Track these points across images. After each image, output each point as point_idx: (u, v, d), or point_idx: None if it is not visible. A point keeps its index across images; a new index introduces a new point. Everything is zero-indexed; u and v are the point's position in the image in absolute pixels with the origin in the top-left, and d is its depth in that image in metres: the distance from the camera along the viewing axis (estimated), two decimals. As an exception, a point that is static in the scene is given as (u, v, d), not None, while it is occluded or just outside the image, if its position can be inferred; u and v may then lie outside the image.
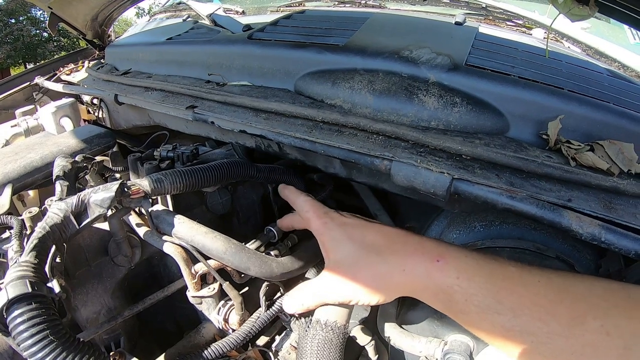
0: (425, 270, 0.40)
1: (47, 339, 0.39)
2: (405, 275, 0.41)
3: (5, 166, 0.80)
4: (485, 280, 0.37)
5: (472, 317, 0.37)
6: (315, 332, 0.46)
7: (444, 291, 0.38)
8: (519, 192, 0.46)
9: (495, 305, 0.35)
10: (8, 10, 16.31)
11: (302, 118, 0.62)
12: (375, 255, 0.43)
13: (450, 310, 0.39)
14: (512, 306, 0.35)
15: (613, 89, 0.66)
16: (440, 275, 0.39)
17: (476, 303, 0.36)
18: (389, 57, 0.65)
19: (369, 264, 0.43)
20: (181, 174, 0.61)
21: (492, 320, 0.35)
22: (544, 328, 0.33)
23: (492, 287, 0.36)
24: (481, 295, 0.36)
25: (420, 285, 0.40)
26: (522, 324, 0.34)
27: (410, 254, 0.42)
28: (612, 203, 0.46)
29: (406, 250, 0.42)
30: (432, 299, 0.41)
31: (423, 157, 0.50)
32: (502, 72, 0.62)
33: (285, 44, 0.76)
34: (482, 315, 0.36)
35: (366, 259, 0.44)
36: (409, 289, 0.42)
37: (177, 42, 0.99)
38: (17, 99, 1.54)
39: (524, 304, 0.35)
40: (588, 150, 0.52)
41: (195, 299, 0.60)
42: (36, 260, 0.46)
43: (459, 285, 0.37)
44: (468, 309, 0.37)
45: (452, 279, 0.38)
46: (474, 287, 0.37)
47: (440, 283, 0.39)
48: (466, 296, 0.37)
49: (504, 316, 0.35)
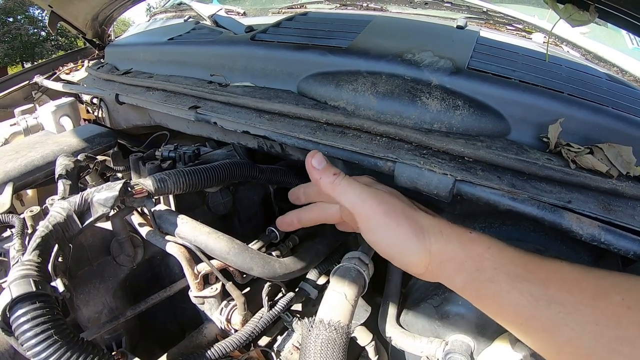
0: (459, 238, 0.41)
1: (51, 339, 0.39)
2: (440, 238, 0.41)
3: (6, 164, 0.80)
4: (514, 252, 0.39)
5: (501, 286, 0.37)
6: (318, 332, 0.47)
7: (473, 259, 0.39)
8: (520, 193, 0.47)
9: (525, 274, 0.37)
10: (6, 8, 16.23)
11: (306, 119, 0.62)
12: (418, 211, 0.44)
13: (475, 280, 0.39)
14: (540, 276, 0.36)
15: (612, 93, 0.67)
16: (472, 244, 0.40)
17: (506, 271, 0.37)
18: (392, 60, 0.65)
19: (412, 215, 0.43)
20: (184, 174, 0.61)
21: (521, 288, 0.36)
22: (571, 299, 0.34)
23: (521, 259, 0.38)
24: (512, 264, 0.38)
25: (450, 253, 0.41)
26: (550, 293, 0.35)
27: (446, 224, 0.43)
28: (611, 205, 0.47)
29: (442, 220, 0.44)
30: (458, 270, 0.40)
31: (426, 159, 0.51)
32: (503, 76, 0.62)
33: (288, 46, 0.77)
34: (511, 283, 0.37)
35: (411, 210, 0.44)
36: (437, 257, 0.41)
37: (179, 42, 0.99)
38: (16, 98, 1.53)
39: (552, 275, 0.36)
40: (588, 153, 0.53)
41: (197, 299, 0.60)
42: (39, 259, 0.46)
43: (490, 254, 0.39)
44: (497, 278, 0.37)
45: (483, 248, 0.39)
46: (504, 256, 0.38)
47: (472, 251, 0.40)
48: (496, 264, 0.38)
49: (533, 285, 0.36)
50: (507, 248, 0.40)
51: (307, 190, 0.56)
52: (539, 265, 0.37)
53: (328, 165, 0.47)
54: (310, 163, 0.47)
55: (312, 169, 0.47)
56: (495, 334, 0.55)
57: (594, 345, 0.32)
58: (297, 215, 0.57)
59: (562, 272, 0.36)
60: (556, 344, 0.35)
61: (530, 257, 0.38)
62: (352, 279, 0.54)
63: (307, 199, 0.56)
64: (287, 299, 0.64)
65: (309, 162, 0.48)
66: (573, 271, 0.36)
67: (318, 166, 0.47)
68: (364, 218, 0.44)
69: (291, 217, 0.57)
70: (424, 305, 0.61)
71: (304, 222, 0.56)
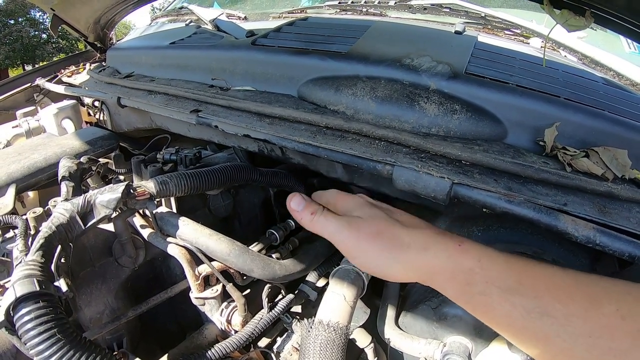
0: (447, 252, 0.40)
1: (54, 338, 0.39)
2: (425, 254, 0.41)
3: (9, 166, 0.80)
4: (505, 264, 0.38)
5: (493, 299, 0.37)
6: (318, 333, 0.47)
7: (464, 272, 0.39)
8: (517, 196, 0.47)
9: (517, 286, 0.36)
10: (7, 11, 16.30)
11: (306, 123, 0.63)
12: (400, 227, 0.44)
13: (466, 293, 0.39)
14: (532, 288, 0.36)
15: (608, 97, 0.68)
16: (461, 258, 0.39)
17: (497, 284, 0.37)
18: (391, 64, 0.66)
19: (392, 233, 0.43)
20: (186, 177, 0.62)
21: (513, 301, 0.36)
22: (563, 310, 0.34)
23: (513, 271, 0.37)
24: (503, 277, 0.37)
25: (438, 267, 0.40)
26: (543, 305, 0.34)
27: (433, 236, 0.42)
28: (606, 207, 0.48)
29: (430, 232, 0.43)
30: (448, 282, 0.40)
31: (424, 163, 0.52)
32: (501, 81, 0.63)
33: (288, 51, 0.78)
34: (503, 296, 0.36)
35: (391, 228, 0.44)
36: (424, 271, 0.41)
37: (181, 46, 1.00)
38: (18, 100, 1.54)
39: (544, 286, 0.35)
40: (583, 156, 0.53)
41: (198, 300, 0.61)
42: (42, 259, 0.47)
43: (480, 267, 0.38)
44: (489, 291, 0.37)
45: (474, 261, 0.39)
46: (495, 269, 0.38)
47: (461, 264, 0.39)
48: (487, 278, 0.37)
49: (525, 297, 0.35)
50: (498, 258, 0.39)
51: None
52: (532, 275, 0.37)
53: (307, 205, 0.48)
54: (290, 206, 0.49)
55: (293, 211, 0.49)
56: (493, 335, 0.56)
57: (587, 356, 0.32)
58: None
59: (554, 282, 0.36)
60: (550, 354, 0.35)
61: (523, 267, 0.38)
62: (351, 280, 0.55)
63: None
64: (286, 301, 0.65)
65: (289, 205, 0.49)
66: (566, 279, 0.36)
67: (297, 208, 0.48)
68: (343, 246, 0.45)
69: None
70: (422, 307, 0.62)
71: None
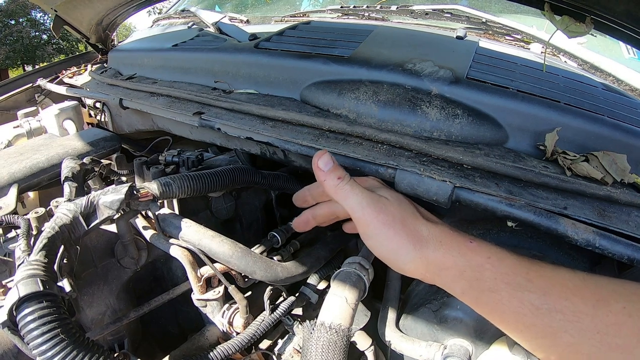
0: (459, 248, 0.41)
1: (57, 338, 0.40)
2: (439, 248, 0.41)
3: (11, 166, 0.80)
4: (515, 262, 0.39)
5: (502, 295, 0.37)
6: (319, 334, 0.47)
7: (473, 269, 0.39)
8: (517, 200, 0.48)
9: (526, 283, 0.37)
10: (8, 11, 16.31)
11: (309, 126, 0.63)
12: (422, 220, 0.44)
13: (475, 289, 0.39)
14: (541, 285, 0.36)
15: (607, 102, 0.69)
16: (472, 254, 0.40)
17: (507, 281, 0.37)
18: (393, 69, 0.67)
19: (414, 224, 0.43)
20: (189, 179, 0.62)
21: (522, 297, 0.36)
22: (571, 307, 0.34)
23: (522, 269, 0.38)
24: (512, 274, 0.38)
25: (448, 262, 0.41)
26: (551, 302, 0.35)
27: (448, 232, 0.43)
28: (605, 211, 0.48)
29: (445, 228, 0.44)
30: (457, 278, 0.41)
31: (426, 166, 0.52)
32: (502, 86, 0.64)
33: (291, 54, 0.78)
34: (512, 292, 0.37)
35: (414, 219, 0.44)
36: (434, 266, 0.42)
37: (184, 49, 1.01)
38: (19, 100, 1.55)
39: (553, 284, 0.36)
40: (583, 160, 0.54)
41: (200, 302, 0.61)
42: (46, 259, 0.47)
43: (490, 264, 0.39)
44: (498, 287, 0.38)
45: (484, 258, 0.39)
46: (505, 266, 0.39)
47: (471, 261, 0.40)
48: (497, 274, 0.38)
49: (534, 294, 0.36)
50: (507, 256, 0.40)
51: (314, 192, 0.56)
52: (540, 274, 0.37)
53: (334, 167, 0.46)
54: (317, 164, 0.46)
55: (318, 170, 0.46)
56: (493, 338, 0.56)
57: (594, 352, 0.33)
58: (311, 212, 0.56)
59: (562, 280, 0.36)
60: (557, 350, 0.35)
61: (531, 265, 0.39)
62: (353, 283, 0.55)
63: (314, 199, 0.56)
64: (288, 303, 0.65)
65: (315, 163, 0.47)
66: (573, 278, 0.36)
67: (324, 168, 0.46)
68: (362, 224, 0.44)
69: (306, 215, 0.56)
70: (423, 310, 0.62)
71: (318, 219, 0.55)
